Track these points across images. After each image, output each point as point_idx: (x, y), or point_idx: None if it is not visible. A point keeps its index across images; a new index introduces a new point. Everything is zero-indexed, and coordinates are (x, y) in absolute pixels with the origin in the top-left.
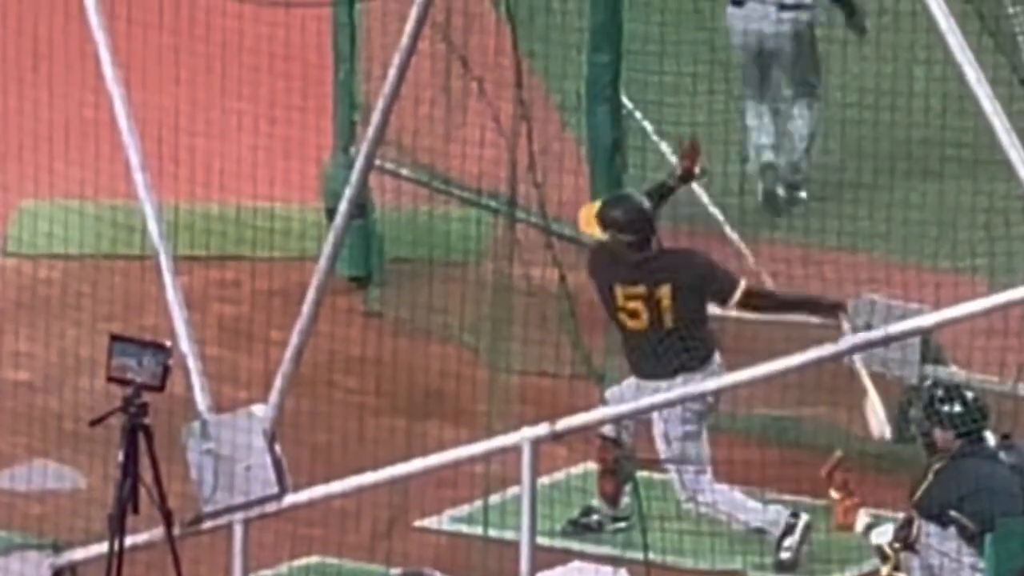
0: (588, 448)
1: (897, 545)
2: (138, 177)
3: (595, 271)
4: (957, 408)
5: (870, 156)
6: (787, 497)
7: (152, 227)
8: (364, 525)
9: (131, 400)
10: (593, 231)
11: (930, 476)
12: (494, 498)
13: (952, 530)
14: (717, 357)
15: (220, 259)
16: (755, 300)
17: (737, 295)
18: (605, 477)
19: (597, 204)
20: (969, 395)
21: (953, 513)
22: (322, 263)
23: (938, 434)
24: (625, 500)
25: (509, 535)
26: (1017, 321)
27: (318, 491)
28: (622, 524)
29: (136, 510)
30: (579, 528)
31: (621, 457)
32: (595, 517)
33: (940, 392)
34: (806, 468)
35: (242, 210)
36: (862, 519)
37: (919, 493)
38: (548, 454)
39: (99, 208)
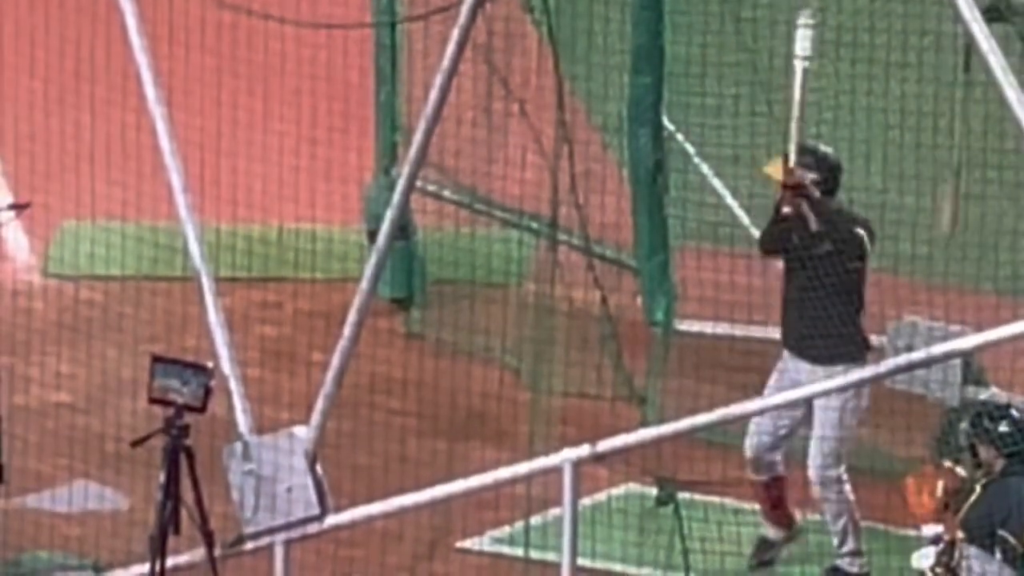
0: (629, 470)
1: (939, 570)
2: (180, 198)
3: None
4: (1004, 427)
5: (911, 178)
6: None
7: (193, 248)
8: (405, 546)
9: (173, 421)
10: (780, 174)
11: (977, 490)
12: (535, 519)
13: (994, 553)
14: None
15: (262, 280)
16: None
17: None
18: (775, 512)
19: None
20: (1016, 415)
21: (1001, 532)
22: (364, 284)
23: (983, 451)
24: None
25: (551, 556)
26: None
27: (359, 512)
28: (795, 539)
29: (177, 531)
30: (759, 564)
31: (662, 478)
32: (774, 550)
33: (988, 410)
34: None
35: (284, 231)
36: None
37: (966, 508)
38: (589, 475)
39: (140, 229)
